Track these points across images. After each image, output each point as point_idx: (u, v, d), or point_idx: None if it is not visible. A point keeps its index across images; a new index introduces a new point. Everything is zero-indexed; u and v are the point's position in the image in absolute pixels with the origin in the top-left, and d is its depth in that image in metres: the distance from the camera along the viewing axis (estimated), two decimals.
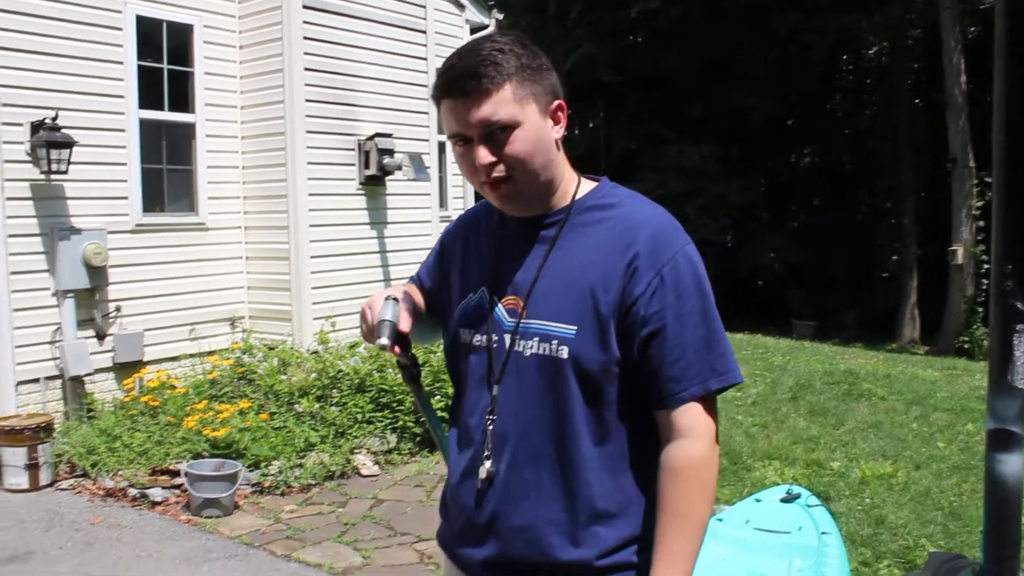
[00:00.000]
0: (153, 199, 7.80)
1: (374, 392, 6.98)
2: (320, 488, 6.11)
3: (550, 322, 1.68)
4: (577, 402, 1.67)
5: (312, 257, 8.11)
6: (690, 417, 1.62)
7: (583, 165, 1.86)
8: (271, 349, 7.73)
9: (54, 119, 6.74)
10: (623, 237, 1.67)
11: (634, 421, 1.69)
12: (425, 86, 9.10)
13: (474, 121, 1.66)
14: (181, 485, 5.81)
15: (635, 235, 1.66)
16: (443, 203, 10.11)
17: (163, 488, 5.91)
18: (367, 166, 8.62)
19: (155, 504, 5.76)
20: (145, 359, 7.59)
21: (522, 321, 1.71)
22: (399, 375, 6.19)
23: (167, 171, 7.99)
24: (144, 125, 7.60)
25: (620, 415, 1.68)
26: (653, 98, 19.42)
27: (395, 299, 1.85)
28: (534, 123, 1.67)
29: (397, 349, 1.83)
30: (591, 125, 21.99)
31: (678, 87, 18.95)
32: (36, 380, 7.00)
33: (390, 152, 8.60)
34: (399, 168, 8.66)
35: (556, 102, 1.71)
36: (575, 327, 1.65)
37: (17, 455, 6.04)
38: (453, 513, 1.86)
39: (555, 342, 1.67)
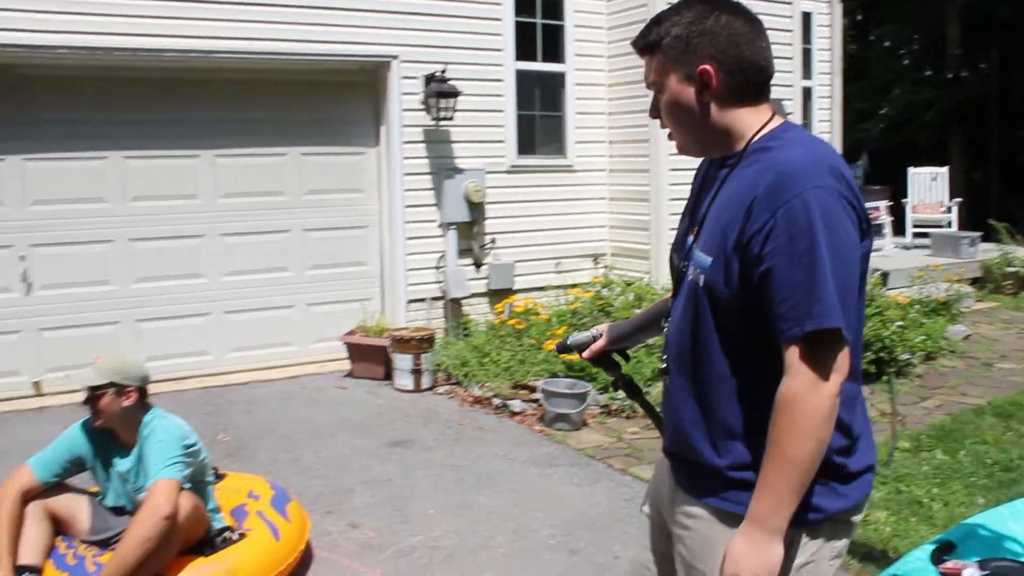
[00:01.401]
0: (526, 143, 8.56)
1: None
2: None
3: (702, 252, 1.88)
4: (710, 327, 1.86)
5: (671, 200, 8.47)
6: (792, 356, 1.72)
7: (971, 109, 1.86)
8: (628, 285, 8.22)
9: (443, 72, 7.66)
10: (756, 179, 1.77)
11: (766, 354, 1.78)
12: (788, 31, 9.07)
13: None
14: (537, 400, 6.48)
15: (762, 178, 1.76)
16: None
17: (522, 401, 6.64)
18: None
19: (514, 414, 6.49)
20: (514, 287, 8.43)
21: (693, 249, 1.94)
22: None
23: (539, 117, 8.71)
24: (520, 75, 8.36)
25: (751, 346, 1.82)
26: None
27: (598, 335, 2.48)
28: (672, 88, 1.89)
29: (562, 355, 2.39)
30: (982, 66, 20.02)
31: None
32: (422, 300, 8.08)
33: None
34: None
35: (700, 67, 1.84)
36: (711, 258, 1.83)
37: (405, 361, 7.07)
38: None
39: (699, 270, 1.87)
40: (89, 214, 7.10)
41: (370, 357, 7.43)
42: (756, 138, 1.86)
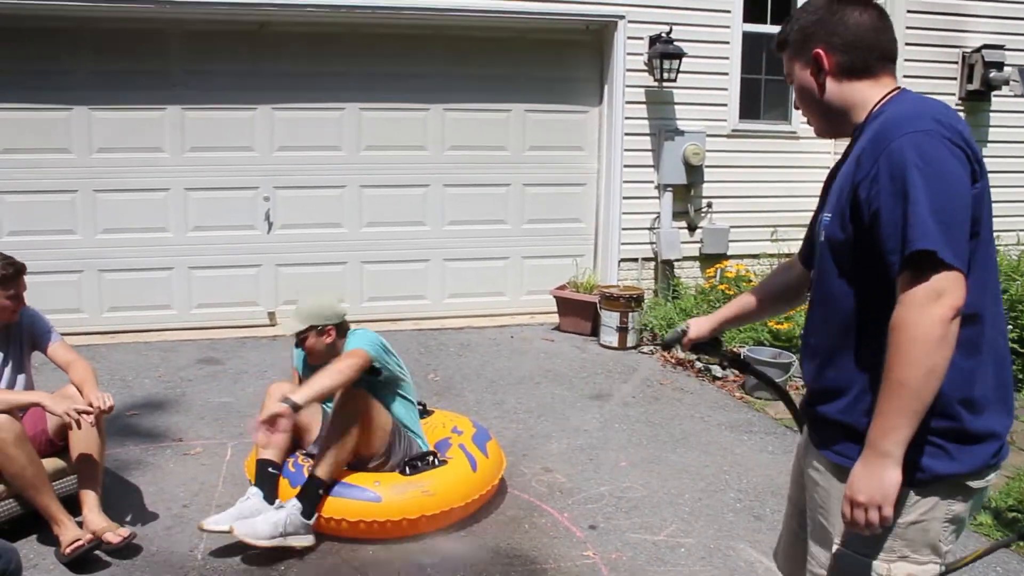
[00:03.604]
0: (749, 107, 8.40)
1: None
2: None
3: (827, 214, 2.03)
4: (833, 274, 2.00)
5: None
6: (901, 285, 1.80)
7: None
8: None
9: (668, 33, 7.65)
10: (865, 137, 1.95)
11: (882, 303, 1.87)
12: None
13: None
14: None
15: (869, 134, 1.94)
16: None
17: (722, 367, 6.64)
18: (970, 80, 8.32)
19: (715, 379, 6.50)
20: (728, 253, 8.36)
21: (822, 217, 2.09)
22: None
23: (764, 81, 8.52)
24: (746, 38, 8.19)
25: (871, 289, 1.92)
26: None
27: (687, 328, 2.62)
28: (799, 77, 2.13)
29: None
30: None
31: None
32: (634, 259, 8.17)
33: (998, 65, 8.19)
34: (1006, 83, 8.22)
35: (814, 51, 2.06)
36: (831, 215, 1.99)
37: (612, 318, 7.20)
38: None
39: (823, 229, 2.03)
40: (327, 161, 7.65)
41: (578, 312, 7.62)
42: (876, 107, 2.03)
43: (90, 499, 3.89)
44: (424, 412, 4.64)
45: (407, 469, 4.03)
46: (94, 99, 7.14)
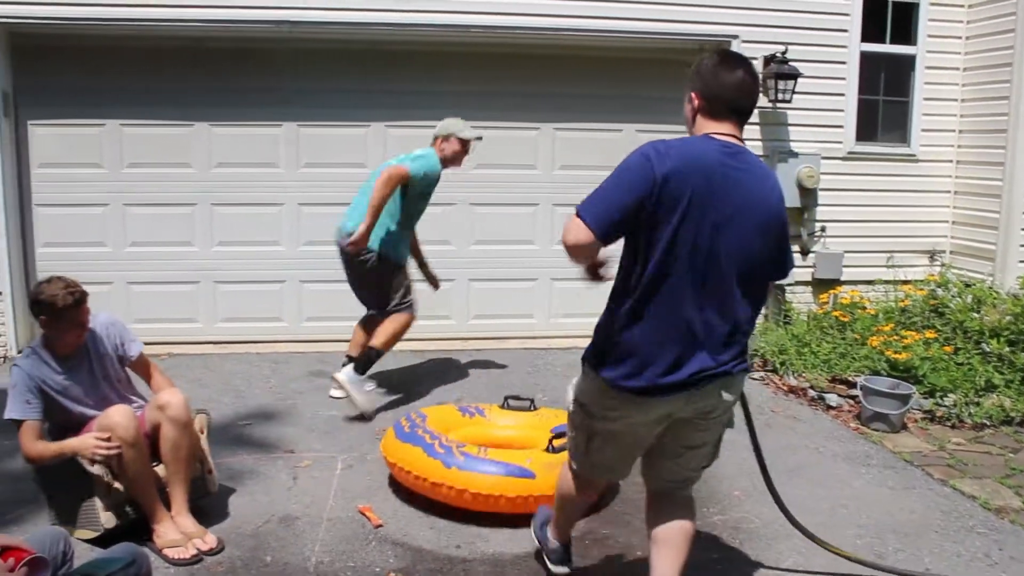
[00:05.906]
0: (866, 128, 8.19)
1: None
2: (994, 430, 6.02)
3: None
4: None
5: None
6: None
7: None
8: (967, 286, 7.69)
9: (783, 53, 7.51)
10: None
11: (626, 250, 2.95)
12: None
13: None
14: (855, 396, 6.24)
15: None
16: None
17: (838, 395, 6.44)
18: None
19: (829, 408, 6.31)
20: (842, 278, 8.14)
21: None
22: None
23: (882, 102, 8.30)
24: (864, 57, 7.99)
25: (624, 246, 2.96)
26: None
27: None
28: (685, 107, 2.98)
29: None
30: None
31: None
32: None
33: None
34: None
35: (690, 93, 2.94)
36: None
37: None
38: None
39: None
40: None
41: None
42: None
43: (178, 500, 3.97)
44: (532, 406, 5.08)
45: (548, 448, 4.40)
46: (214, 115, 7.36)
